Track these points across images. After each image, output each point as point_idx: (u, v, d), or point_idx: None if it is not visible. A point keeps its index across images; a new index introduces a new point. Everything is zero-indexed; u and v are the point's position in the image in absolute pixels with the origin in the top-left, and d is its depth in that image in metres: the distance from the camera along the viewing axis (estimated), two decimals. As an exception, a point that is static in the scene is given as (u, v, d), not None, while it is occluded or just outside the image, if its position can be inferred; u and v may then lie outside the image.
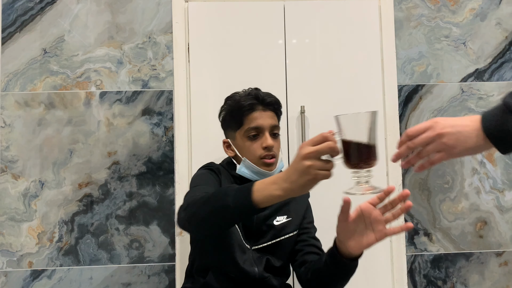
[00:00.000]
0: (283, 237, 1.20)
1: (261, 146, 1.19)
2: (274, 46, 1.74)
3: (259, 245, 1.19)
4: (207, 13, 1.75)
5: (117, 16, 1.73)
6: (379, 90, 1.75)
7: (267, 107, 1.22)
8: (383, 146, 1.73)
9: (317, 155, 0.77)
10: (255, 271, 1.15)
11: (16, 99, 1.68)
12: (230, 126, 1.25)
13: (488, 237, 1.74)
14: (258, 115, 1.20)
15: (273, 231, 1.20)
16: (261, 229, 1.19)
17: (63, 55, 1.70)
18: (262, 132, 1.20)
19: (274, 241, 1.19)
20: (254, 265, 1.16)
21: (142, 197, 1.68)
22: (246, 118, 1.20)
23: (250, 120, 1.20)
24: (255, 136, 1.20)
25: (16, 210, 1.64)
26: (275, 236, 1.20)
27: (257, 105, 1.21)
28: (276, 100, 1.25)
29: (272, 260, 1.18)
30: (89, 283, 1.64)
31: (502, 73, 1.79)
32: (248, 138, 1.20)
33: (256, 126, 1.19)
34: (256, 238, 1.19)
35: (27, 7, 1.71)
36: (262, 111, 1.21)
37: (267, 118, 1.21)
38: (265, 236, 1.19)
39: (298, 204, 1.27)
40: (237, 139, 1.23)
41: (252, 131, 1.19)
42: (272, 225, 1.20)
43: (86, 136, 1.69)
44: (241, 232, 1.18)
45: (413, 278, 1.71)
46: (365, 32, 1.77)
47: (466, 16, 1.80)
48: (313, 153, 0.77)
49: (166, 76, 1.72)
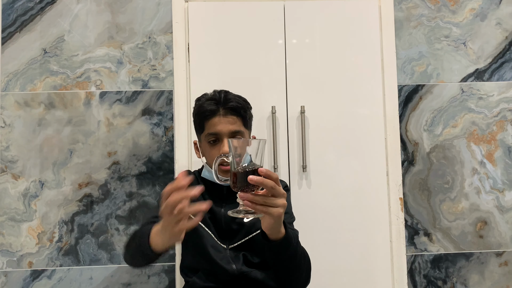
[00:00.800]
0: (255, 233, 1.20)
1: (219, 152, 1.18)
2: (274, 46, 1.74)
3: (235, 244, 1.20)
4: (207, 13, 1.75)
5: (117, 16, 1.73)
6: (379, 90, 1.75)
7: (228, 112, 1.20)
8: (383, 146, 1.73)
9: (171, 209, 0.77)
10: (233, 268, 1.16)
11: (16, 99, 1.68)
12: (196, 128, 1.27)
13: (488, 237, 1.74)
14: (217, 121, 1.19)
15: (245, 229, 1.20)
16: (232, 228, 1.21)
17: (63, 55, 1.70)
18: (221, 138, 1.19)
19: (247, 238, 1.20)
20: (232, 263, 1.17)
21: (142, 197, 1.68)
22: (206, 123, 1.21)
23: (210, 125, 1.20)
24: (215, 142, 1.20)
25: (16, 210, 1.64)
26: (247, 233, 1.20)
27: (217, 111, 1.20)
28: (238, 105, 1.21)
29: (249, 257, 1.19)
30: (89, 283, 1.64)
31: (502, 73, 1.79)
32: (208, 143, 1.21)
33: (214, 132, 1.19)
34: (230, 237, 1.21)
35: (27, 7, 1.71)
36: (222, 117, 1.19)
37: (227, 124, 1.19)
38: (237, 235, 1.21)
39: None
40: (201, 141, 1.26)
41: (211, 137, 1.20)
42: (242, 223, 1.21)
43: (86, 136, 1.69)
44: (213, 233, 1.20)
45: (413, 278, 1.71)
46: (365, 32, 1.77)
47: (466, 16, 1.80)
48: (168, 208, 0.78)
49: (166, 76, 1.72)
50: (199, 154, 1.30)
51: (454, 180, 1.75)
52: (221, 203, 1.23)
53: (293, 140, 1.72)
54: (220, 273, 1.17)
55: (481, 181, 1.75)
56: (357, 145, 1.72)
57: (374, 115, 1.74)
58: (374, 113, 1.74)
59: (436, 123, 1.76)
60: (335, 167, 1.71)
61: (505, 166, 1.76)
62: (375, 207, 1.70)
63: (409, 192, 1.73)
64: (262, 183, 0.78)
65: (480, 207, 1.74)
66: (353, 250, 1.69)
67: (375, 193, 1.71)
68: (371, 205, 1.70)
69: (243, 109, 1.23)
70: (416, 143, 1.75)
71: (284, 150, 1.71)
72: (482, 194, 1.75)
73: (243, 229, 1.21)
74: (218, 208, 1.22)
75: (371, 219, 1.71)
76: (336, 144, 1.72)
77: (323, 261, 1.68)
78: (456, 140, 1.76)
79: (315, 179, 1.69)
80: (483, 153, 1.76)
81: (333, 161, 1.71)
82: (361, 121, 1.73)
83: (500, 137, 1.77)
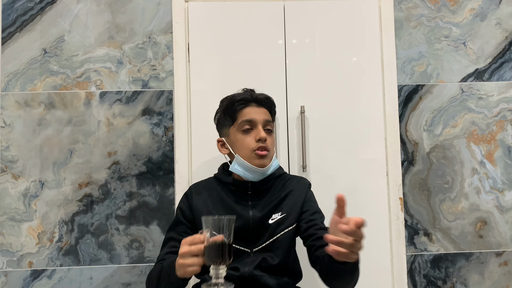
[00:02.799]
0: (279, 234, 1.20)
1: (254, 139, 1.21)
2: (274, 46, 1.74)
3: (259, 246, 1.20)
4: (207, 13, 1.75)
5: (117, 16, 1.73)
6: (379, 90, 1.75)
7: (260, 104, 1.26)
8: (382, 146, 1.73)
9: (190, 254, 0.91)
10: (245, 270, 1.16)
11: (16, 99, 1.68)
12: (224, 124, 1.29)
13: (488, 237, 1.74)
14: (251, 110, 1.24)
15: (270, 230, 1.20)
16: (258, 231, 1.20)
17: (63, 55, 1.71)
18: (255, 125, 1.23)
19: (271, 240, 1.20)
20: (246, 265, 1.17)
21: (142, 197, 1.68)
22: (239, 113, 1.24)
23: (243, 114, 1.23)
24: (249, 130, 1.23)
25: (16, 210, 1.64)
26: (272, 235, 1.20)
27: (251, 101, 1.25)
28: (269, 98, 1.30)
29: (269, 259, 1.18)
30: (89, 283, 1.64)
31: (502, 73, 1.79)
32: (241, 132, 1.23)
33: (249, 119, 1.22)
34: (255, 240, 1.21)
35: (27, 7, 1.71)
36: (255, 107, 1.25)
37: (261, 113, 1.25)
38: (263, 237, 1.20)
39: (294, 198, 1.26)
40: (230, 135, 1.26)
41: (245, 124, 1.22)
42: (268, 225, 1.21)
43: (86, 136, 1.69)
44: (238, 241, 1.18)
45: (413, 278, 1.71)
46: (365, 32, 1.77)
47: (466, 16, 1.80)
48: (186, 253, 0.92)
49: (166, 76, 1.72)
50: (225, 151, 1.29)
51: (454, 180, 1.75)
52: (246, 204, 1.23)
53: (293, 140, 1.72)
54: (231, 274, 1.16)
55: (481, 181, 1.75)
56: (357, 145, 1.72)
57: (374, 115, 1.74)
58: (374, 113, 1.74)
59: (436, 123, 1.76)
60: (335, 167, 1.71)
61: (505, 166, 1.76)
62: (375, 207, 1.70)
63: (409, 192, 1.73)
64: (355, 233, 0.80)
65: (480, 207, 1.74)
66: (353, 250, 1.69)
67: (375, 193, 1.71)
68: (371, 205, 1.70)
69: (272, 103, 1.30)
70: (416, 143, 1.75)
71: (284, 150, 1.71)
72: (482, 194, 1.75)
73: (269, 231, 1.20)
74: (245, 212, 1.22)
75: (371, 219, 1.69)
76: (336, 144, 1.72)
77: (323, 261, 1.68)
78: (456, 140, 1.76)
79: (315, 179, 1.69)
80: (483, 153, 1.76)
81: (333, 161, 1.71)
82: (361, 121, 1.73)
83: (500, 137, 1.77)
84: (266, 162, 1.21)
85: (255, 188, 1.25)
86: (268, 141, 1.22)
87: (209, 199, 1.26)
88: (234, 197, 1.25)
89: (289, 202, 1.25)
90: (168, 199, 1.68)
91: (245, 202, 1.24)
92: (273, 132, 1.29)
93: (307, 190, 1.30)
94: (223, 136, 1.30)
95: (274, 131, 1.67)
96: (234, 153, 1.24)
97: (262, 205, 1.23)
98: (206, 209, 1.24)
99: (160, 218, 1.67)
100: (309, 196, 1.29)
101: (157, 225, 1.67)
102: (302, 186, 1.30)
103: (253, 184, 1.25)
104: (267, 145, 1.21)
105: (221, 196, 1.26)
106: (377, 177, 1.72)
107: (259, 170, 1.20)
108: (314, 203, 1.29)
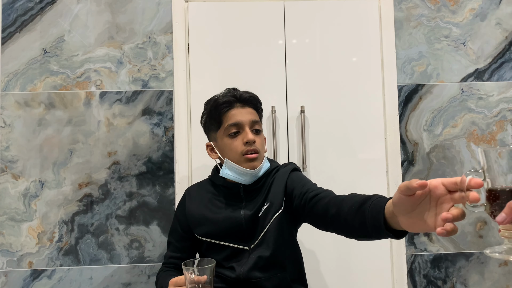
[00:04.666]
0: (269, 224, 1.17)
1: (242, 142, 1.18)
2: (274, 46, 1.74)
3: (255, 242, 1.18)
4: (207, 13, 1.75)
5: (117, 16, 1.73)
6: (379, 90, 1.75)
7: (245, 104, 1.22)
8: (383, 146, 1.73)
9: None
10: (241, 271, 1.15)
11: (16, 99, 1.68)
12: (211, 128, 1.25)
13: (488, 237, 1.74)
14: (236, 112, 1.20)
15: (260, 222, 1.18)
16: (251, 227, 1.19)
17: (63, 55, 1.71)
18: (242, 128, 1.19)
19: (264, 231, 1.17)
20: (244, 266, 1.16)
21: (142, 197, 1.68)
22: (224, 116, 1.20)
23: (229, 117, 1.20)
24: (236, 134, 1.19)
25: (16, 210, 1.64)
26: (263, 227, 1.18)
27: (235, 102, 1.21)
28: (253, 96, 1.25)
29: (263, 254, 1.15)
30: (89, 283, 1.64)
31: (502, 73, 1.79)
32: (228, 136, 1.20)
33: (235, 122, 1.19)
34: (250, 237, 1.19)
35: (27, 7, 1.71)
36: (240, 108, 1.21)
37: (246, 114, 1.21)
38: (256, 232, 1.19)
39: (277, 185, 1.21)
40: (218, 139, 1.23)
41: (232, 128, 1.19)
42: (258, 218, 1.18)
43: (86, 136, 1.69)
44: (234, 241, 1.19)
45: (413, 278, 1.71)
46: (365, 32, 1.77)
47: (466, 16, 1.80)
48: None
49: (166, 76, 1.72)
50: (214, 155, 1.26)
51: (454, 180, 1.75)
52: (239, 205, 1.22)
53: (293, 140, 1.72)
54: (227, 274, 1.16)
55: (481, 181, 1.75)
56: (357, 145, 1.72)
57: (374, 115, 1.74)
58: (374, 113, 1.74)
59: (436, 123, 1.76)
60: (335, 167, 1.71)
61: (505, 166, 1.76)
62: (375, 207, 1.70)
63: (409, 192, 1.73)
64: None
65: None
66: (353, 250, 1.69)
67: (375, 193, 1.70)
68: (371, 205, 1.70)
69: (257, 101, 1.26)
70: (416, 143, 1.75)
71: (284, 150, 1.71)
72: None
73: (259, 224, 1.18)
74: (237, 211, 1.20)
75: (371, 219, 1.71)
76: (336, 144, 1.72)
77: (324, 260, 1.68)
78: (456, 140, 1.76)
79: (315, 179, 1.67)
80: (483, 153, 1.76)
81: (333, 161, 1.71)
82: (361, 121, 1.73)
83: (500, 137, 1.77)
84: (256, 164, 1.19)
85: (246, 189, 1.23)
86: (257, 142, 1.19)
87: (202, 203, 1.26)
88: (226, 199, 1.24)
89: (273, 190, 1.21)
90: (168, 199, 1.68)
91: (238, 203, 1.22)
92: (261, 131, 1.25)
93: (289, 173, 1.23)
94: (211, 140, 1.27)
95: (273, 130, 1.68)
96: (223, 158, 1.22)
97: (253, 203, 1.21)
98: (199, 212, 1.24)
99: (160, 218, 1.67)
100: (292, 176, 1.21)
101: (157, 225, 1.67)
102: (284, 171, 1.24)
103: (244, 186, 1.23)
104: (256, 147, 1.18)
105: (214, 199, 1.26)
106: (377, 177, 1.72)
107: (250, 172, 1.18)
108: (302, 180, 1.19)
